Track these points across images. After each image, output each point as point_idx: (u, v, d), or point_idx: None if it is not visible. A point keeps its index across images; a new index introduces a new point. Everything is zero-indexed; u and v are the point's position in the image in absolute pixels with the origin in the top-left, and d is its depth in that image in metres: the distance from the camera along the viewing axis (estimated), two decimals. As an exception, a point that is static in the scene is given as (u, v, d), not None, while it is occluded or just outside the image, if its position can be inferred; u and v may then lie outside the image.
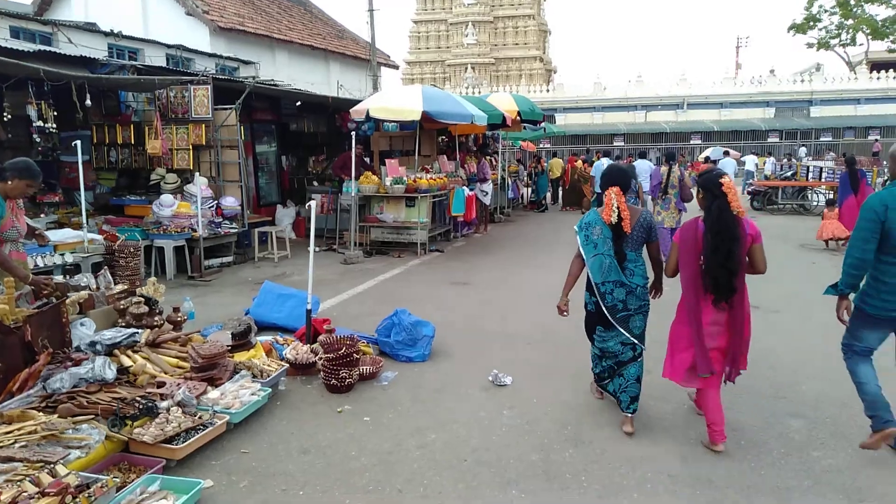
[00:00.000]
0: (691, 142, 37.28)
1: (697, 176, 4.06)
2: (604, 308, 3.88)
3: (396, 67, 30.95)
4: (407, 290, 7.70)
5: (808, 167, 19.90)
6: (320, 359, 4.55)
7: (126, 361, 4.17)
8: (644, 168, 11.93)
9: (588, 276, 3.97)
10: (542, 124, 16.86)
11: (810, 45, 47.79)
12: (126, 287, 5.12)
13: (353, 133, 9.74)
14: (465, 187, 12.13)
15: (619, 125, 39.06)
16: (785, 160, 24.02)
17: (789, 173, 19.16)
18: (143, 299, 4.86)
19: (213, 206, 8.88)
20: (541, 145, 32.26)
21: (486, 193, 13.60)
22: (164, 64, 15.06)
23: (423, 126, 11.81)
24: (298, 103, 12.89)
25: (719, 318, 3.63)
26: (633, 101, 39.95)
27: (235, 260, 9.27)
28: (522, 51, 46.31)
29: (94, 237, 7.22)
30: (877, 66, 40.27)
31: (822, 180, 17.80)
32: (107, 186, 9.79)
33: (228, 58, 18.26)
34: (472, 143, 17.78)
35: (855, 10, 45.20)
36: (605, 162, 14.20)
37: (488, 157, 16.68)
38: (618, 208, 3.81)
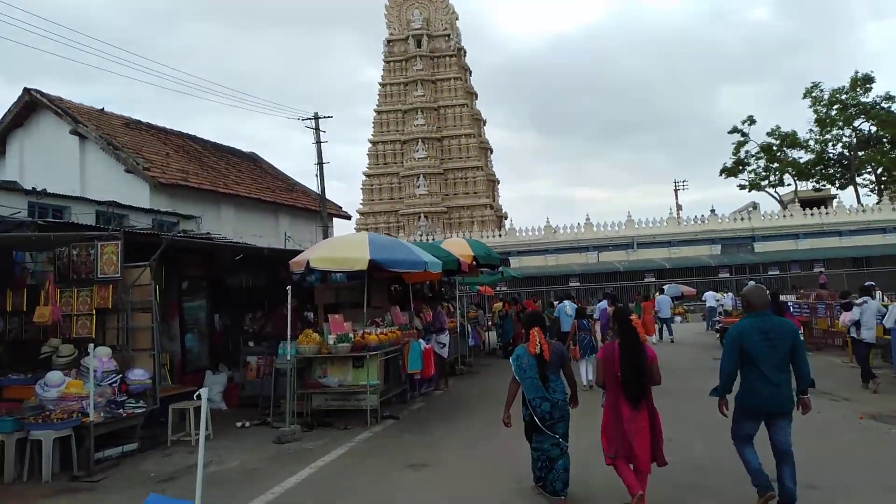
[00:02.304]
0: (645, 279, 37.49)
1: (612, 314, 5.82)
2: (535, 418, 5.11)
3: (348, 218, 30.73)
4: (351, 483, 6.09)
5: None
6: None
7: None
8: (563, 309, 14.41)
9: (523, 393, 5.19)
10: (500, 268, 16.10)
11: (742, 187, 50.99)
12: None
13: (289, 287, 8.55)
14: (421, 340, 10.87)
15: (573, 266, 39.30)
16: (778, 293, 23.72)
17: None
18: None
19: (115, 382, 7.30)
20: (497, 288, 31.74)
21: (444, 346, 12.32)
22: (93, 222, 13.95)
23: (373, 275, 10.77)
24: (239, 257, 11.83)
25: (637, 417, 4.79)
26: (584, 243, 40.61)
27: (142, 446, 7.51)
28: (473, 199, 47.57)
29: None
30: (806, 203, 42.61)
31: (792, 315, 17.28)
32: (-12, 363, 8.14)
33: (167, 213, 17.37)
34: (428, 290, 16.83)
35: (778, 154, 48.99)
36: (567, 305, 14.65)
37: (445, 305, 15.66)
38: (539, 343, 5.16)
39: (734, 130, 49.50)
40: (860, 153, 46.63)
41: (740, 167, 49.91)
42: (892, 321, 11.21)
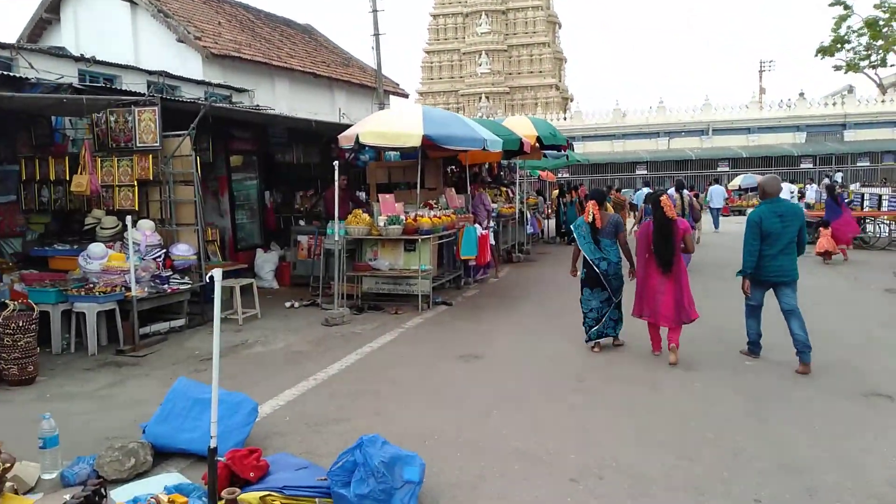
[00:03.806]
0: (718, 168, 35.22)
1: (646, 197, 7.90)
2: (598, 272, 6.11)
3: (406, 96, 29.41)
4: (398, 372, 5.72)
5: (862, 195, 17.75)
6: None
7: None
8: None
9: (584, 255, 6.21)
10: (565, 151, 14.98)
11: (838, 68, 45.73)
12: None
13: (336, 163, 7.91)
14: (476, 225, 10.25)
15: (642, 153, 37.19)
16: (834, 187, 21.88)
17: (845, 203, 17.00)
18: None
19: (159, 257, 7.05)
20: (559, 175, 30.46)
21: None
22: (144, 91, 13.54)
23: (428, 154, 10.02)
24: (287, 131, 11.26)
25: (666, 283, 5.77)
26: (654, 128, 38.11)
27: (189, 323, 7.38)
28: (538, 79, 44.90)
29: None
30: (912, 87, 38.18)
31: (884, 209, 15.66)
32: (37, 232, 8.03)
33: (219, 85, 16.73)
34: (487, 173, 15.97)
35: (884, 30, 43.35)
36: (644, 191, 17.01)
37: (504, 189, 14.85)
38: (592, 213, 6.14)
39: (836, 2, 43.83)
40: (985, 31, 40.67)
41: (838, 45, 44.68)
42: None
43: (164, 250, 7.15)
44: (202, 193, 10.50)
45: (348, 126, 10.65)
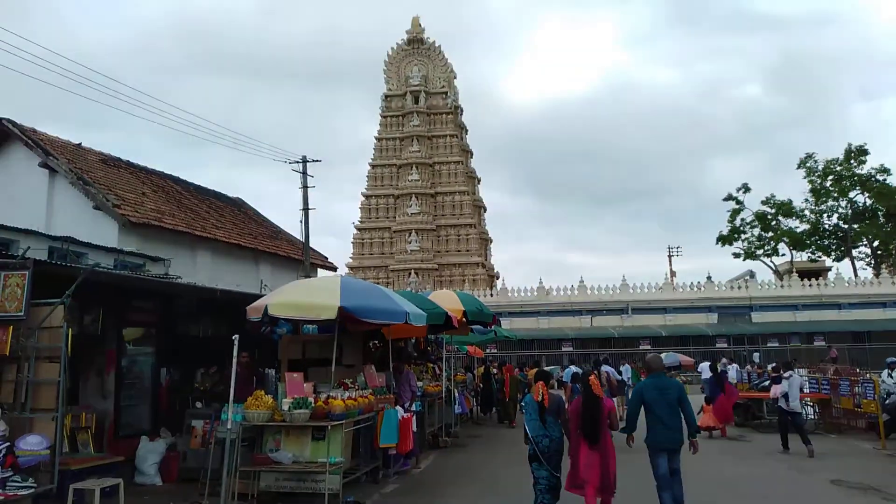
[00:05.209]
0: (640, 346, 35.94)
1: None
2: (538, 450, 6.58)
3: (334, 269, 29.21)
4: None
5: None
6: None
7: None
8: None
9: (527, 432, 6.72)
10: (492, 327, 14.62)
11: (737, 256, 50.12)
12: None
13: (236, 337, 7.05)
14: (398, 407, 9.30)
15: (567, 330, 37.81)
16: (750, 367, 22.38)
17: (767, 382, 17.09)
18: None
19: (1, 452, 5.68)
20: (487, 350, 30.08)
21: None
22: (45, 258, 12.48)
23: (347, 328, 9.30)
24: (198, 302, 10.34)
25: (593, 457, 6.37)
26: (577, 307, 39.26)
27: (28, 540, 5.82)
28: (465, 257, 46.42)
29: None
30: (803, 273, 41.64)
31: (806, 391, 15.74)
32: None
33: (132, 253, 15.85)
34: (413, 348, 15.26)
35: (773, 223, 48.40)
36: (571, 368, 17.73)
37: (431, 365, 14.08)
38: (541, 393, 6.69)
39: (729, 198, 49.03)
40: (855, 225, 46.08)
41: (735, 235, 49.22)
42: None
43: (8, 444, 5.79)
44: (85, 372, 9.27)
45: (251, 294, 9.91)
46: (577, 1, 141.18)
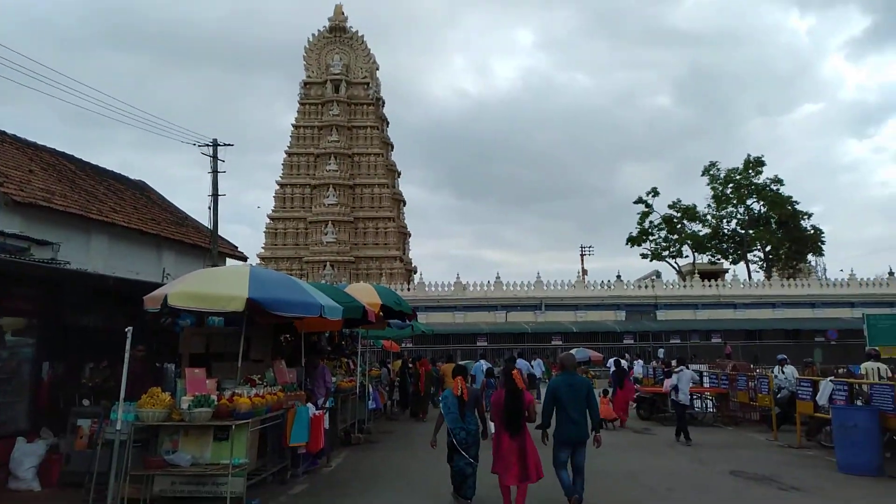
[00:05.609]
0: (553, 342, 36.87)
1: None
2: (455, 442, 6.99)
3: (244, 259, 27.96)
4: None
5: (701, 374, 18.79)
6: None
7: None
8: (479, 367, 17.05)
9: (446, 425, 7.09)
10: (410, 321, 14.36)
11: (644, 256, 52.58)
12: None
13: (129, 329, 6.42)
14: (310, 405, 8.86)
15: (482, 325, 38.20)
16: (655, 363, 23.34)
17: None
18: None
19: None
20: (403, 345, 29.82)
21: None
22: None
23: (256, 320, 8.74)
24: (91, 291, 9.41)
25: (513, 446, 6.60)
26: (493, 302, 39.76)
27: None
28: (382, 250, 45.89)
29: None
30: (704, 275, 44.22)
31: (706, 386, 16.55)
32: None
33: (14, 235, 14.39)
34: (327, 342, 14.76)
35: (678, 226, 51.11)
36: (482, 363, 18.05)
37: (345, 360, 13.65)
38: (461, 388, 7.13)
39: (639, 201, 51.32)
40: (751, 231, 49.41)
41: (644, 237, 51.58)
42: (825, 399, 10.74)
43: None
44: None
45: (150, 283, 9.17)
46: (499, 1, 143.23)
